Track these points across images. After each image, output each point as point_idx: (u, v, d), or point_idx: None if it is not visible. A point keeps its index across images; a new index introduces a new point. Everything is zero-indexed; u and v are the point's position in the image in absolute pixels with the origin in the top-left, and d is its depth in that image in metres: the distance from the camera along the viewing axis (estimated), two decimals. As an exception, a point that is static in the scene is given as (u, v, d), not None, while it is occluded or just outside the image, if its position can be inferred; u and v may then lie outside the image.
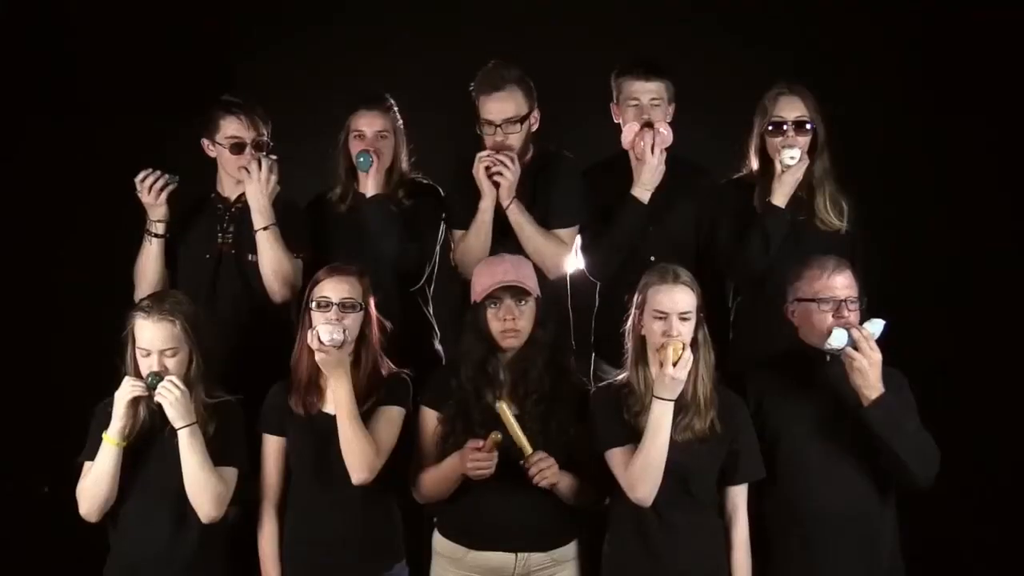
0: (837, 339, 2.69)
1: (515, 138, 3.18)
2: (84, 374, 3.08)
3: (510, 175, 3.14)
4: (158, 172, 3.15)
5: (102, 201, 3.75)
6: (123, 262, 3.23)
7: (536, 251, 3.18)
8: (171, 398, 2.68)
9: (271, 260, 3.14)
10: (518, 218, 3.18)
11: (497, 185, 3.15)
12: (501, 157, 3.14)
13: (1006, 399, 3.68)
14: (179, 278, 3.23)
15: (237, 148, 3.18)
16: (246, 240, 3.19)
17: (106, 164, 3.75)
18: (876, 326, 2.73)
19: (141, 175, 3.14)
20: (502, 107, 3.17)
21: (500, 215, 3.20)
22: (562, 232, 3.25)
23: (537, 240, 3.19)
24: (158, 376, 2.70)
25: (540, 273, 3.00)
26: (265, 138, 3.21)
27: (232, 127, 3.19)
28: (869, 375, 2.67)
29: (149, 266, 3.18)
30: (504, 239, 3.20)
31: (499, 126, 3.17)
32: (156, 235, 3.16)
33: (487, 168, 3.15)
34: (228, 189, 3.27)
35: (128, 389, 2.70)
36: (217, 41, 4.00)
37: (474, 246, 3.20)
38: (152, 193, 3.13)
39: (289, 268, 3.16)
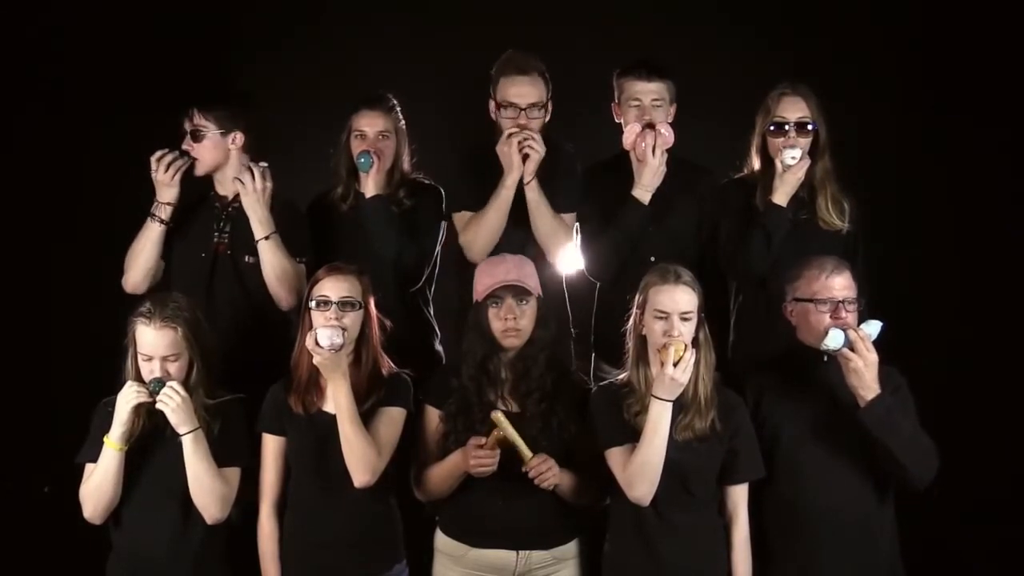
0: (834, 340, 2.69)
1: (536, 123, 3.20)
2: (84, 374, 3.08)
3: (540, 150, 3.15)
4: (176, 152, 3.16)
5: (100, 200, 3.75)
6: (122, 262, 3.21)
7: (548, 232, 3.21)
8: (172, 404, 2.69)
9: (275, 268, 3.13)
10: (536, 196, 3.19)
11: (525, 159, 3.15)
12: (530, 132, 3.15)
13: (1006, 399, 3.68)
14: (174, 275, 3.22)
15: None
16: (242, 241, 3.19)
17: (105, 163, 3.76)
18: (873, 327, 2.73)
19: (158, 153, 3.15)
20: (528, 91, 3.19)
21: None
22: (566, 217, 3.27)
23: (550, 221, 3.21)
24: (160, 382, 2.70)
25: (541, 273, 3.00)
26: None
27: None
28: (865, 376, 2.68)
29: (146, 250, 3.16)
30: (514, 229, 3.21)
31: (524, 109, 3.18)
32: (161, 220, 3.15)
33: (519, 142, 3.14)
34: (225, 188, 3.26)
35: (132, 395, 2.71)
36: (217, 40, 3.99)
37: (491, 223, 3.19)
38: (169, 171, 3.13)
39: (293, 274, 3.15)
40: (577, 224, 3.32)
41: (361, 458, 2.73)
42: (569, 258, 3.32)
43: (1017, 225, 3.73)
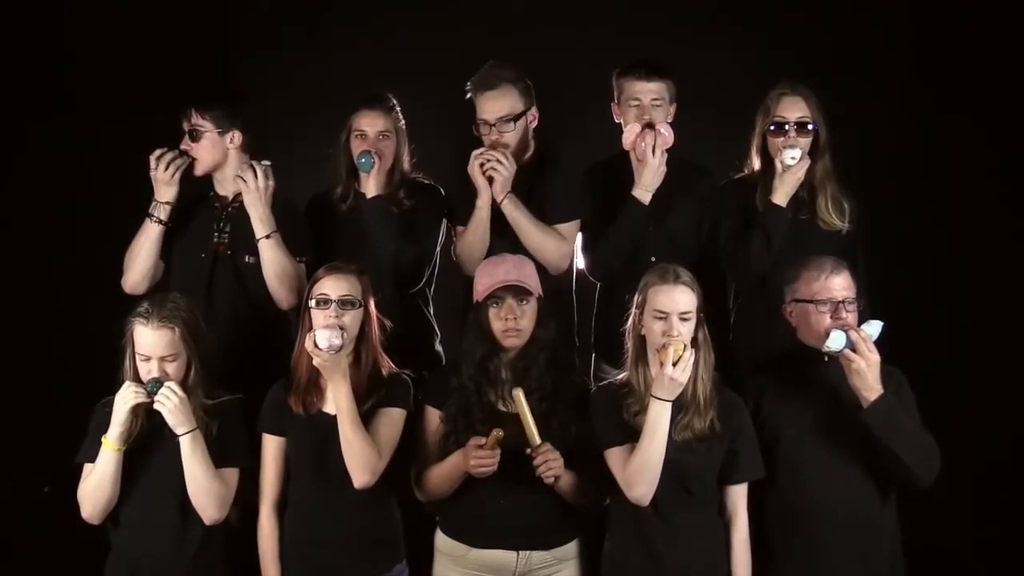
0: (835, 341, 2.69)
1: (509, 136, 3.19)
2: (83, 374, 3.08)
3: (504, 171, 3.14)
4: (176, 151, 3.16)
5: (100, 200, 3.75)
6: (122, 262, 3.21)
7: (536, 246, 3.18)
8: (170, 405, 2.69)
9: (275, 266, 3.13)
10: (513, 213, 3.18)
11: (491, 180, 3.15)
12: (494, 153, 3.15)
13: (1006, 399, 3.68)
14: (174, 275, 3.22)
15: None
16: (242, 241, 3.19)
17: (104, 162, 3.76)
18: (874, 327, 2.73)
19: (158, 152, 3.15)
20: (496, 106, 3.18)
21: (501, 212, 3.20)
22: (562, 227, 3.25)
23: (535, 235, 3.19)
24: (158, 382, 2.70)
25: (544, 273, 3.00)
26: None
27: None
28: (867, 377, 2.67)
29: (144, 250, 3.16)
30: (503, 238, 3.20)
31: (493, 125, 3.18)
32: (160, 220, 3.15)
33: (481, 165, 3.15)
34: (225, 188, 3.26)
35: (131, 395, 2.70)
36: (217, 40, 4.00)
37: (473, 242, 3.20)
38: (169, 169, 3.13)
39: (293, 273, 3.15)
40: (577, 226, 3.30)
41: (361, 459, 2.73)
42: (568, 259, 3.30)
43: (1016, 223, 3.73)
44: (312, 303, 2.79)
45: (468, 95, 3.24)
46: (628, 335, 2.80)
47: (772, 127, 3.15)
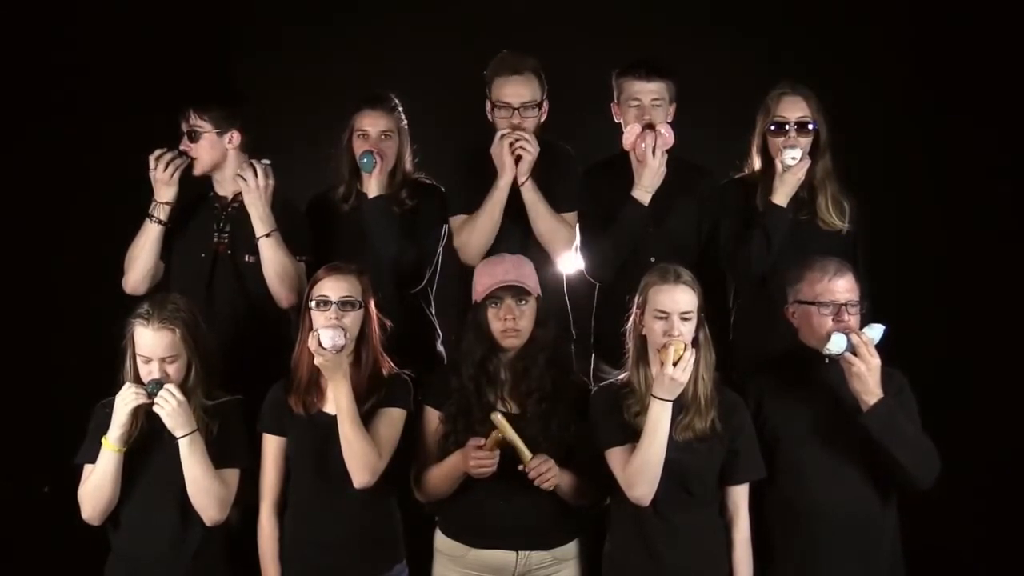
0: (836, 344, 2.68)
1: (530, 122, 3.21)
2: (83, 374, 3.08)
3: (533, 150, 3.16)
4: (175, 151, 3.17)
5: (100, 200, 3.75)
6: (123, 262, 3.21)
7: (548, 231, 3.21)
8: (168, 408, 2.68)
9: (275, 265, 3.13)
10: (532, 196, 3.20)
11: (518, 160, 3.16)
12: (522, 133, 3.16)
13: (1006, 399, 3.68)
14: (174, 275, 3.22)
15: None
16: (242, 241, 3.19)
17: (104, 162, 3.76)
18: (875, 331, 2.73)
19: (157, 152, 3.15)
20: (521, 90, 3.20)
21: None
22: (567, 216, 3.27)
23: (549, 220, 3.21)
24: (159, 384, 2.70)
25: (541, 274, 3.00)
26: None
27: None
28: (868, 380, 2.67)
29: (145, 251, 3.16)
30: (512, 226, 3.21)
31: (517, 109, 3.19)
32: (159, 221, 3.15)
33: (510, 144, 3.15)
34: (224, 188, 3.26)
35: (131, 397, 2.70)
36: (217, 40, 4.00)
37: (485, 224, 3.20)
38: (168, 169, 3.13)
39: (293, 272, 3.15)
40: (577, 224, 3.32)
41: (361, 459, 2.73)
42: (569, 259, 3.32)
43: (1016, 224, 3.73)
44: (312, 304, 2.79)
45: (486, 76, 3.24)
46: (629, 335, 2.80)
47: (772, 127, 3.15)
